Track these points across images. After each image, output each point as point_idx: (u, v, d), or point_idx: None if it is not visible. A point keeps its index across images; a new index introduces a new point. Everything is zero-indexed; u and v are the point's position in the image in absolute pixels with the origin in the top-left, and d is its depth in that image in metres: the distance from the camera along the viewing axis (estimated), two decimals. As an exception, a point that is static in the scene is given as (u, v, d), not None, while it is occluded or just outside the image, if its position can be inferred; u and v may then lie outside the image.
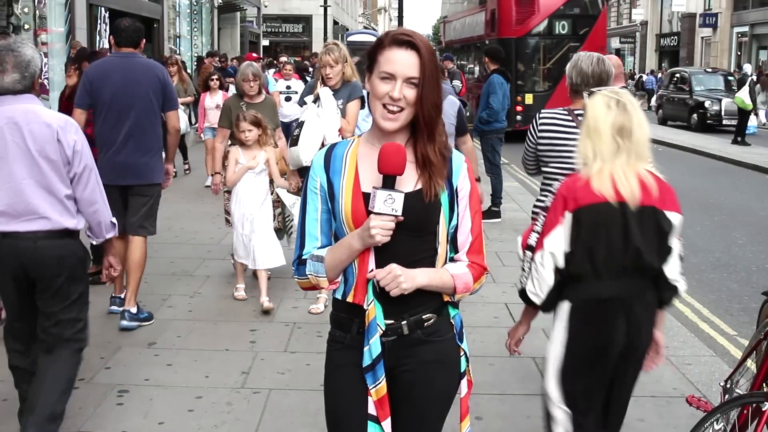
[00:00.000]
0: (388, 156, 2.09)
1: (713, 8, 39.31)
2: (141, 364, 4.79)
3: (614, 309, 2.87)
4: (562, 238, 2.86)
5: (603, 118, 2.85)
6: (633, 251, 2.82)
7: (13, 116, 3.42)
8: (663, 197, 2.85)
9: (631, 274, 2.86)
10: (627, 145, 2.83)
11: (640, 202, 2.81)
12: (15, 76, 3.44)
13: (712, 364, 5.04)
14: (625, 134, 2.83)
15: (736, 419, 3.14)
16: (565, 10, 18.71)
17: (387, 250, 2.14)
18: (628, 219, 2.80)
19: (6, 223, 3.43)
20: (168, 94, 5.51)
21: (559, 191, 2.93)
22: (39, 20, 14.85)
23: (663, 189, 2.87)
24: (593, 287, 2.87)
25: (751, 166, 15.91)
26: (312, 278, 2.26)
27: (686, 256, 8.91)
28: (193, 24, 26.60)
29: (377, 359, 2.18)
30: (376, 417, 2.20)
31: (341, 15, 50.51)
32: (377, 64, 2.18)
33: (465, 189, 2.25)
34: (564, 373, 2.98)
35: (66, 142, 3.45)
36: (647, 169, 2.88)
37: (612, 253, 2.83)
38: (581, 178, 2.88)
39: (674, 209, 2.87)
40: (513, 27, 18.58)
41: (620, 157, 2.83)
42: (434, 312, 2.25)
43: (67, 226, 3.51)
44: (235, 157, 5.91)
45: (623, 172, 2.82)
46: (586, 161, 2.89)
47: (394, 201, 2.08)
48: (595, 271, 2.84)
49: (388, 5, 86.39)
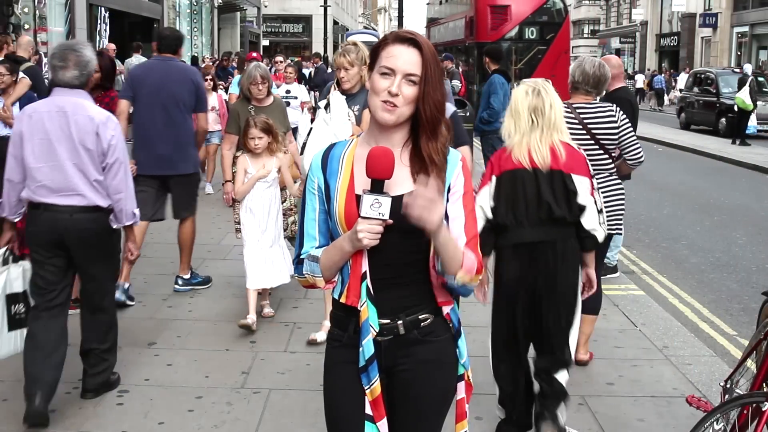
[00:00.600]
0: (376, 160, 2.08)
1: (713, 8, 39.32)
2: (141, 364, 4.79)
3: (536, 250, 3.61)
4: (488, 195, 3.66)
5: (522, 101, 3.64)
6: (545, 205, 3.58)
7: (63, 106, 3.94)
8: (570, 163, 3.58)
9: (546, 224, 3.60)
10: (541, 121, 3.59)
11: (550, 167, 3.57)
12: (74, 73, 3.96)
13: (712, 364, 5.04)
14: (538, 113, 3.60)
15: (736, 419, 3.14)
16: (534, 17, 21.28)
17: (380, 251, 2.15)
18: (539, 180, 3.57)
19: (47, 195, 3.93)
20: (200, 96, 6.20)
21: (490, 160, 3.81)
22: (39, 20, 14.85)
23: (572, 156, 3.61)
24: (518, 234, 3.62)
25: (751, 166, 15.91)
26: (309, 278, 2.27)
27: (686, 256, 8.95)
28: (193, 24, 26.60)
29: (370, 360, 2.18)
30: (372, 417, 2.21)
31: (341, 15, 50.50)
32: (378, 59, 2.18)
33: (458, 187, 2.24)
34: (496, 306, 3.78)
35: (104, 136, 3.94)
36: (562, 140, 3.62)
37: (528, 207, 3.59)
38: (507, 150, 3.67)
39: (580, 173, 3.60)
40: (489, 32, 20.66)
41: (536, 132, 3.60)
42: (430, 313, 2.25)
43: (99, 203, 3.99)
44: (243, 166, 5.52)
45: (538, 143, 3.58)
46: (509, 135, 3.66)
47: (381, 205, 2.07)
48: (518, 222, 3.61)
49: (388, 5, 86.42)
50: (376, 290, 2.17)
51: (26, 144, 3.93)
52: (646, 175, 13.78)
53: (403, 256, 2.19)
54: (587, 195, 3.58)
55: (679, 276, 7.66)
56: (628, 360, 5.06)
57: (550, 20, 21.44)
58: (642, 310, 6.11)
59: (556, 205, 3.57)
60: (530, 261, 3.61)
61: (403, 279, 2.22)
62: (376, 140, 2.21)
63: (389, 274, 2.20)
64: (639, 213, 10.47)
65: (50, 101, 4.02)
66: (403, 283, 2.22)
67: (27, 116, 4.00)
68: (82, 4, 16.12)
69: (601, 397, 4.46)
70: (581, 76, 4.59)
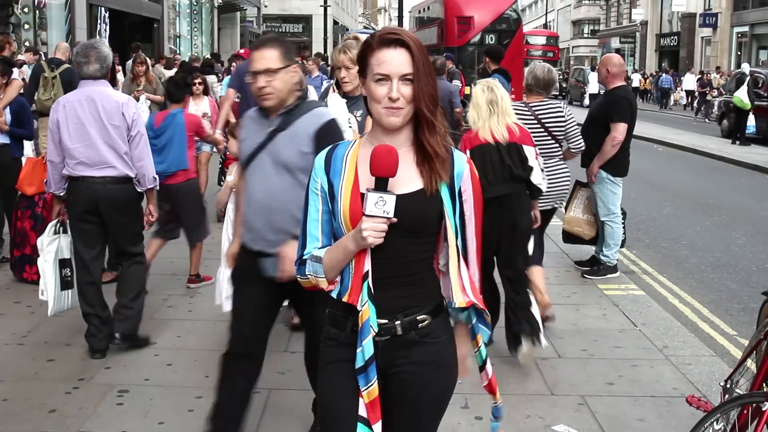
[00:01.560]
0: (379, 158, 2.09)
1: (713, 8, 39.33)
2: (141, 364, 4.79)
3: (504, 201, 4.75)
4: None
5: (480, 96, 4.88)
6: (507, 168, 4.76)
7: (90, 95, 4.72)
8: (522, 138, 4.83)
9: (509, 181, 4.78)
10: (497, 109, 4.84)
11: (508, 141, 4.79)
12: (96, 66, 4.72)
13: (712, 364, 5.04)
14: (494, 104, 4.85)
15: (736, 419, 3.14)
16: (493, 26, 26.14)
17: (383, 251, 2.15)
18: (501, 151, 4.79)
19: (84, 170, 4.71)
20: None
21: (462, 139, 4.95)
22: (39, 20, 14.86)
23: (522, 133, 4.86)
24: (489, 191, 4.39)
25: (751, 166, 15.91)
26: (312, 278, 2.26)
27: (686, 256, 8.94)
28: (193, 24, 26.62)
29: (369, 361, 2.16)
30: (366, 419, 2.18)
31: (341, 15, 50.50)
32: (369, 67, 2.18)
33: (468, 191, 2.26)
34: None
35: (127, 114, 4.73)
36: (514, 122, 4.88)
37: (495, 171, 4.75)
38: (473, 132, 4.86)
39: (528, 144, 4.85)
40: (455, 38, 25.36)
41: (494, 117, 4.84)
42: (429, 314, 2.25)
43: (128, 173, 4.78)
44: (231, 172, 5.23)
45: (497, 125, 4.82)
46: (474, 122, 4.86)
47: (385, 203, 2.08)
48: (489, 182, 4.61)
49: (388, 5, 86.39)
50: (376, 290, 2.17)
51: (63, 129, 4.69)
52: (646, 175, 13.80)
53: (406, 255, 2.20)
54: (534, 159, 4.84)
55: (679, 276, 7.66)
56: (628, 360, 5.06)
57: (507, 28, 26.23)
58: (642, 310, 6.11)
59: (515, 167, 4.78)
60: (500, 209, 4.70)
61: (405, 279, 2.22)
62: (381, 141, 2.21)
63: (391, 274, 2.20)
64: (639, 213, 10.47)
65: (79, 92, 4.78)
66: (404, 283, 2.22)
67: (62, 106, 4.74)
68: (82, 4, 16.13)
69: (601, 397, 4.46)
70: (533, 80, 5.74)
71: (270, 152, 3.33)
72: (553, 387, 4.59)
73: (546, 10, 66.33)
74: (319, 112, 3.42)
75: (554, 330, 5.52)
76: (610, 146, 6.67)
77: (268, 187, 3.32)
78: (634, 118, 6.89)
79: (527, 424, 4.10)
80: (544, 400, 4.42)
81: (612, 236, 6.90)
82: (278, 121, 3.36)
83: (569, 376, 4.77)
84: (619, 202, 6.95)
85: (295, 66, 3.40)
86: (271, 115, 3.39)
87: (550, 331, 5.50)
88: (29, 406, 4.18)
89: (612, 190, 6.85)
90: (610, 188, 6.84)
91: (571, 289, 6.66)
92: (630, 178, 7.22)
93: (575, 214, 7.20)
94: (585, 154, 6.97)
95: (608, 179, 6.81)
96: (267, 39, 3.48)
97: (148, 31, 21.11)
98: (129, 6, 19.55)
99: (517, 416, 4.18)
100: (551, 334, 5.39)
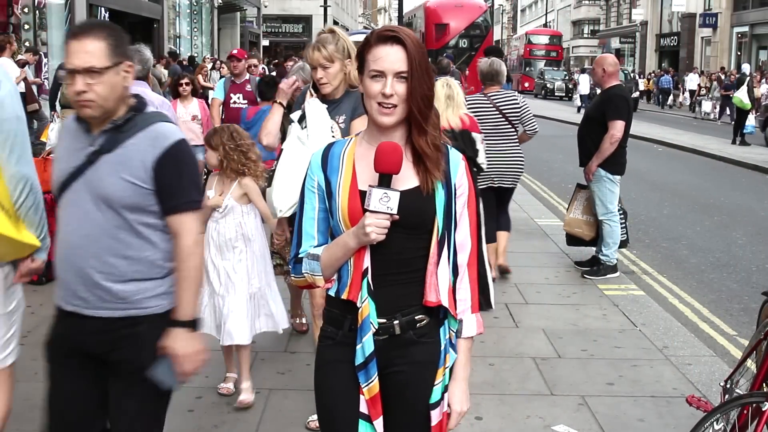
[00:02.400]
0: (385, 154, 2.09)
1: (713, 8, 39.33)
2: (141, 364, 4.78)
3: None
4: None
5: (440, 91, 5.58)
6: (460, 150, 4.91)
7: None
8: (471, 126, 5.78)
9: None
10: (452, 103, 5.75)
11: (461, 128, 5.70)
12: (138, 68, 4.75)
13: (712, 364, 5.04)
14: (451, 98, 5.75)
15: (736, 419, 3.14)
16: (467, 32, 31.71)
17: (382, 248, 2.15)
18: (456, 136, 5.57)
19: None
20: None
21: None
22: (39, 20, 14.86)
23: (472, 122, 5.82)
24: None
25: (751, 166, 15.92)
26: (308, 277, 2.26)
27: (686, 256, 8.95)
28: (193, 24, 26.62)
29: (370, 357, 2.16)
30: (368, 416, 2.19)
31: (341, 15, 50.52)
32: (367, 63, 2.19)
33: (463, 187, 2.27)
34: None
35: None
36: (465, 113, 5.82)
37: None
38: None
39: (476, 131, 5.81)
40: (434, 42, 29.93)
41: (450, 109, 5.71)
42: (426, 314, 2.25)
43: None
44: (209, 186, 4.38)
45: (452, 115, 5.70)
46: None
47: (389, 199, 2.08)
48: None
49: (388, 5, 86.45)
50: (376, 287, 2.17)
51: None
52: (646, 175, 13.80)
53: (405, 252, 2.19)
54: (480, 143, 5.81)
55: (679, 276, 7.66)
56: (628, 360, 5.06)
57: (479, 33, 31.76)
58: (642, 310, 6.11)
59: (467, 149, 5.54)
60: None
61: (403, 277, 2.22)
62: (376, 138, 2.21)
63: (390, 271, 2.19)
64: (639, 213, 10.46)
65: None
66: (402, 281, 2.22)
67: None
68: (82, 4, 16.14)
69: (601, 397, 4.46)
70: (480, 73, 6.86)
71: (88, 180, 2.48)
72: (553, 387, 4.59)
73: (546, 10, 66.43)
74: (160, 131, 2.53)
75: (554, 330, 5.52)
76: (609, 144, 6.69)
77: (84, 228, 2.49)
78: (631, 116, 6.93)
79: (527, 424, 4.10)
80: (544, 400, 4.42)
81: (611, 235, 6.91)
82: (102, 139, 2.49)
83: (569, 376, 4.77)
84: (617, 201, 6.96)
85: (129, 64, 2.54)
86: (93, 129, 2.52)
87: (550, 331, 5.51)
88: (29, 406, 4.17)
89: (610, 188, 6.87)
90: (608, 186, 6.86)
91: (571, 289, 6.66)
92: (630, 178, 7.24)
93: (575, 215, 7.23)
94: (583, 154, 6.99)
95: (606, 177, 6.83)
96: (91, 24, 2.61)
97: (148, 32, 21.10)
98: (129, 6, 19.56)
99: (517, 416, 4.18)
100: (551, 334, 5.39)
